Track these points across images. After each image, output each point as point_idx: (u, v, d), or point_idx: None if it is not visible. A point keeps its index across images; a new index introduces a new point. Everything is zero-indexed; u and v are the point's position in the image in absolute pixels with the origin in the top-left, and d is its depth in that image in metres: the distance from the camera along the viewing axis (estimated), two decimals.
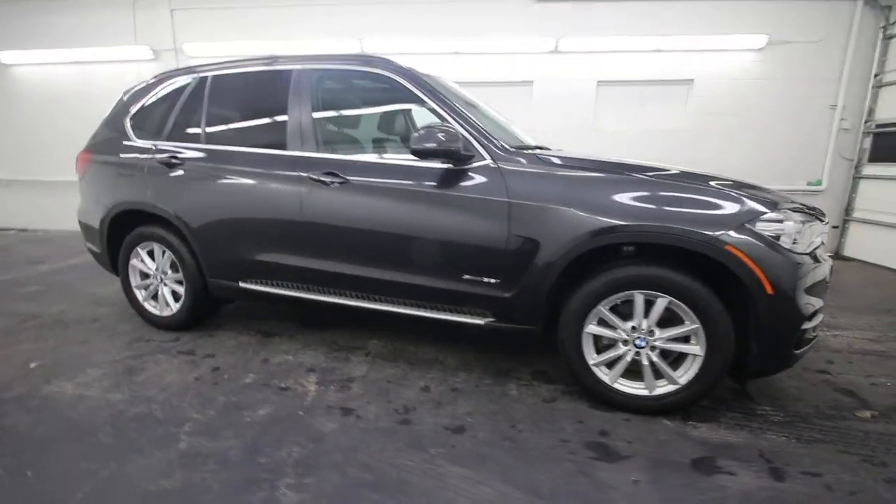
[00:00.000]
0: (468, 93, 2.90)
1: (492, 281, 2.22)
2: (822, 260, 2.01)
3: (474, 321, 2.31)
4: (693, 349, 2.00)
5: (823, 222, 2.10)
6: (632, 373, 2.13)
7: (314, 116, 2.55)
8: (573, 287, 2.13)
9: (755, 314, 1.89)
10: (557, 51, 5.84)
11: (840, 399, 2.33)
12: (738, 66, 5.67)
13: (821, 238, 2.05)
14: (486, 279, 2.23)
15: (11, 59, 6.71)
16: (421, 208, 2.28)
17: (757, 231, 1.86)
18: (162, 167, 2.84)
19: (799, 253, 1.89)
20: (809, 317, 1.94)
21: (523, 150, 2.28)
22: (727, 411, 2.18)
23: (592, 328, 2.11)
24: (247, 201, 2.63)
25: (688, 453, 1.87)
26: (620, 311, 2.08)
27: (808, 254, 1.93)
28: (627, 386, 2.13)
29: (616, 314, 2.07)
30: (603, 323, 2.10)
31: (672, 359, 2.09)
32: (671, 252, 2.01)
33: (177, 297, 3.03)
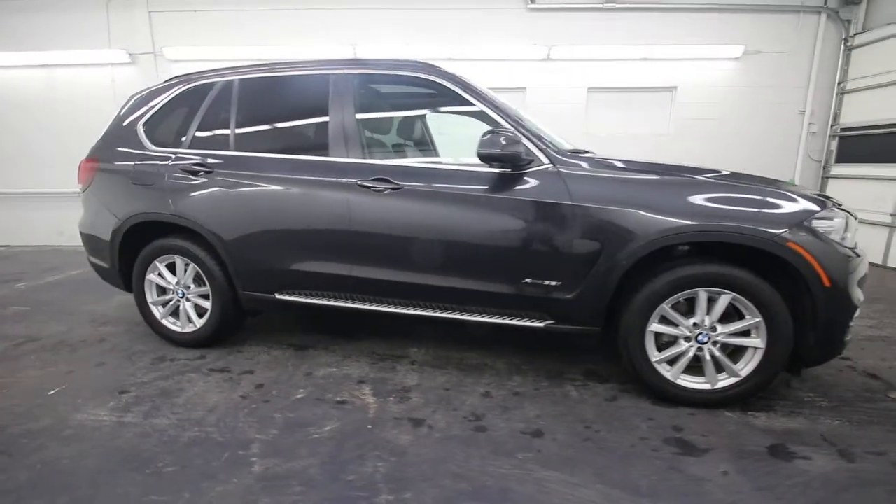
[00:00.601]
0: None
1: (553, 283, 2.24)
2: (862, 255, 2.15)
3: (533, 324, 2.31)
4: (754, 342, 2.09)
5: (856, 219, 2.26)
6: (689, 368, 2.20)
7: (358, 122, 2.49)
8: (628, 287, 2.17)
9: (813, 306, 2.00)
10: (550, 58, 5.99)
11: (869, 383, 2.49)
12: (718, 75, 6.01)
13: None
14: (548, 282, 2.24)
15: None
16: (480, 213, 2.27)
17: (813, 228, 1.98)
18: (187, 175, 2.68)
19: (848, 247, 2.02)
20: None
21: (580, 154, 2.32)
22: (778, 400, 2.28)
23: (655, 326, 2.16)
24: (287, 210, 2.52)
25: (760, 442, 1.95)
26: (678, 309, 2.15)
27: (852, 248, 2.07)
28: (689, 381, 2.20)
29: (675, 312, 2.14)
30: (665, 321, 2.16)
31: (727, 353, 2.17)
32: (728, 250, 2.10)
33: (200, 313, 2.86)
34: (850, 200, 5.89)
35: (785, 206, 2.02)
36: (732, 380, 2.14)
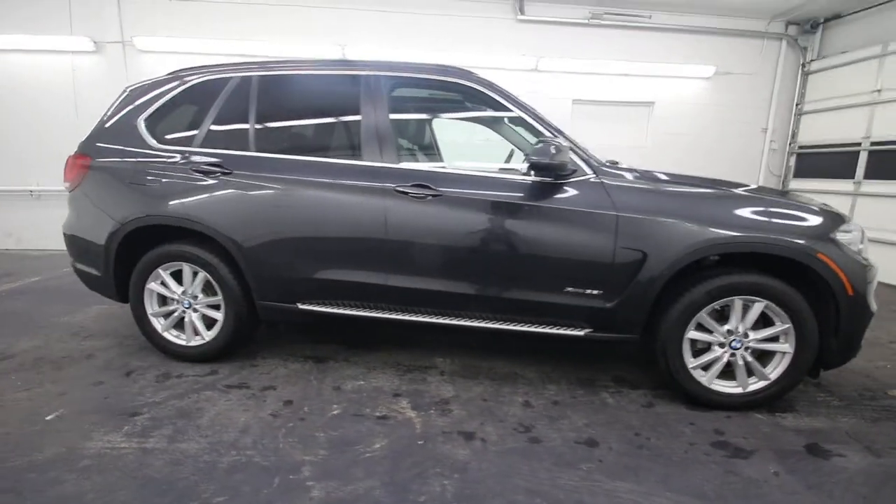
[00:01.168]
0: None
1: (594, 292, 2.27)
2: (873, 265, 2.34)
3: (573, 333, 2.33)
4: (783, 347, 2.21)
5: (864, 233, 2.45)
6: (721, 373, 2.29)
7: (392, 125, 2.42)
8: (664, 296, 2.24)
9: (837, 313, 2.14)
10: (538, 69, 6.11)
11: (867, 383, 2.71)
12: (692, 92, 6.38)
13: None
14: (589, 291, 2.27)
15: None
16: (524, 222, 2.26)
17: (837, 240, 2.12)
18: (199, 176, 2.49)
19: (864, 258, 2.19)
20: None
21: (620, 166, 2.37)
22: (796, 401, 2.42)
23: (692, 334, 2.24)
24: (317, 214, 2.40)
25: (795, 442, 2.06)
26: (712, 317, 2.23)
27: (867, 259, 2.24)
28: (722, 385, 2.29)
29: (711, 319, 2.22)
30: (700, 328, 2.24)
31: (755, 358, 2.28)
32: (755, 260, 2.21)
33: (207, 325, 2.66)
34: None
35: (812, 220, 2.16)
36: (762, 383, 2.25)
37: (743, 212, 2.14)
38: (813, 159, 6.27)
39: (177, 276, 2.63)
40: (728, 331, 2.23)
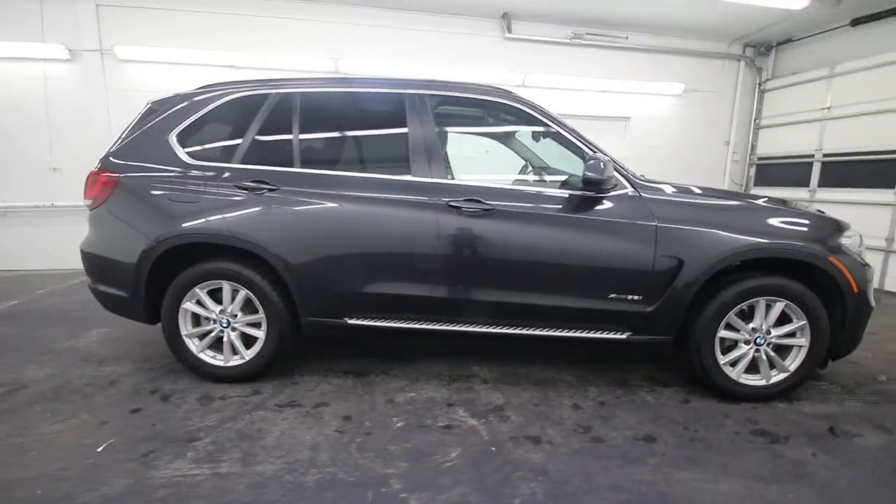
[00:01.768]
0: None
1: (635, 298, 2.44)
2: (871, 265, 2.65)
3: (617, 336, 2.48)
4: (800, 342, 2.46)
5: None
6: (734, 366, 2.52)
7: (440, 141, 2.50)
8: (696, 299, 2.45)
9: (844, 309, 2.42)
10: (525, 85, 6.37)
11: (857, 370, 3.04)
12: (664, 108, 6.85)
13: None
14: (631, 297, 2.44)
15: None
16: (570, 233, 2.40)
17: (842, 244, 2.41)
18: (243, 192, 2.46)
19: (864, 259, 2.49)
20: None
21: (655, 181, 2.57)
22: (805, 390, 2.69)
23: (722, 332, 2.45)
24: (368, 230, 2.43)
25: (819, 426, 2.30)
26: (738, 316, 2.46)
27: (865, 261, 2.55)
28: (748, 379, 2.51)
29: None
30: (729, 327, 2.46)
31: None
32: (772, 263, 2.47)
33: (246, 344, 2.60)
34: None
35: (824, 227, 2.44)
36: (782, 375, 2.50)
37: (769, 221, 2.40)
38: (771, 170, 6.90)
39: (214, 295, 2.57)
40: (752, 329, 2.46)
